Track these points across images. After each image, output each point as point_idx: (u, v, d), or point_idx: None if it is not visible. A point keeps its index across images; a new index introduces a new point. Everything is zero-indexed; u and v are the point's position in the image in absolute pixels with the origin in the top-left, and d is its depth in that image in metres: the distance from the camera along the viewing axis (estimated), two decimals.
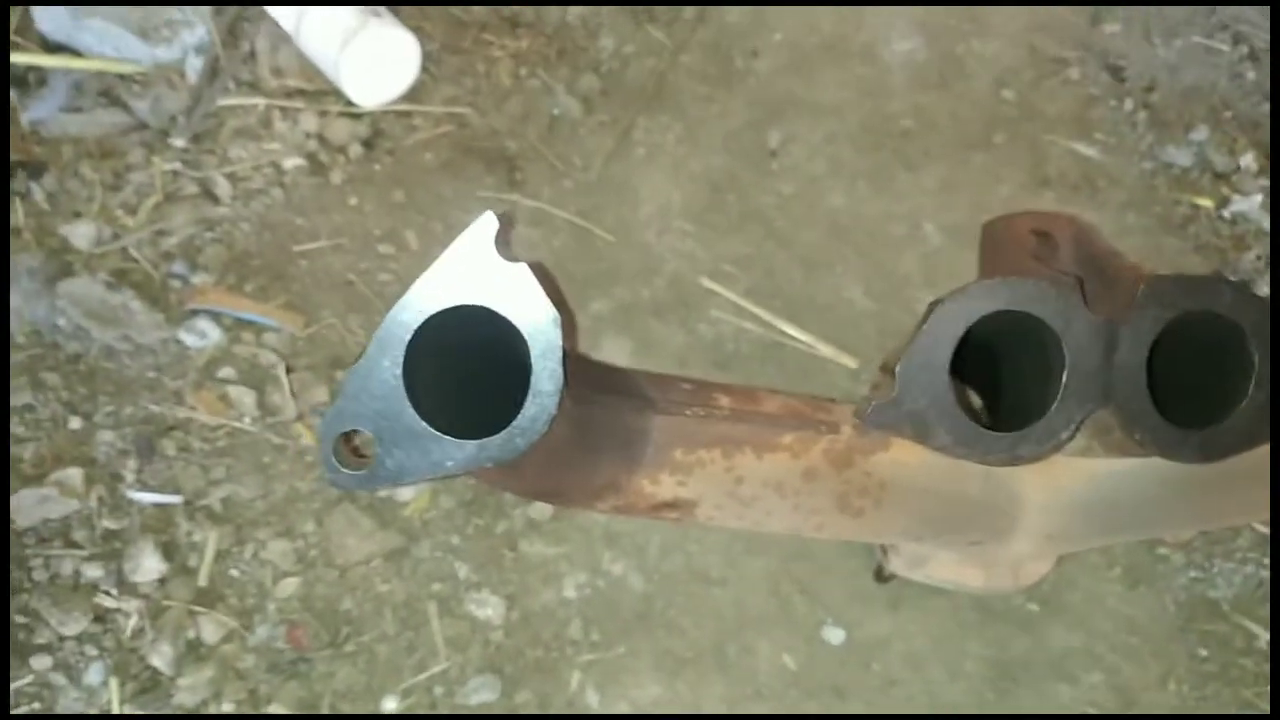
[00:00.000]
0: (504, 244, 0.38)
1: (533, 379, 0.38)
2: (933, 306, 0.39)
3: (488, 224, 0.38)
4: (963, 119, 0.75)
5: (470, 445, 0.38)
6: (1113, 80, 0.79)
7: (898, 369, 0.39)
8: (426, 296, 0.38)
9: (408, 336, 0.38)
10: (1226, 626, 0.57)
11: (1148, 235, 0.71)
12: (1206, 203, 0.74)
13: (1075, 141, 0.75)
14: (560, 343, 0.38)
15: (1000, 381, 0.45)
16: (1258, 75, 0.80)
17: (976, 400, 0.46)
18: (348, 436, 0.39)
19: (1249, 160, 0.75)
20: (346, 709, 0.52)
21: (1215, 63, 0.81)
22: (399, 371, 0.38)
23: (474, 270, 0.38)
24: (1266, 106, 0.79)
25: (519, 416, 0.38)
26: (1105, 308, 0.39)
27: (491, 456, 0.38)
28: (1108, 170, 0.74)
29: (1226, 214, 0.73)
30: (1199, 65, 0.80)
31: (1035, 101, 0.77)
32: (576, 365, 0.40)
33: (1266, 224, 0.73)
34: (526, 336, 0.38)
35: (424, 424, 0.38)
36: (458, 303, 0.38)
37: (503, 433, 0.38)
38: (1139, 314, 0.39)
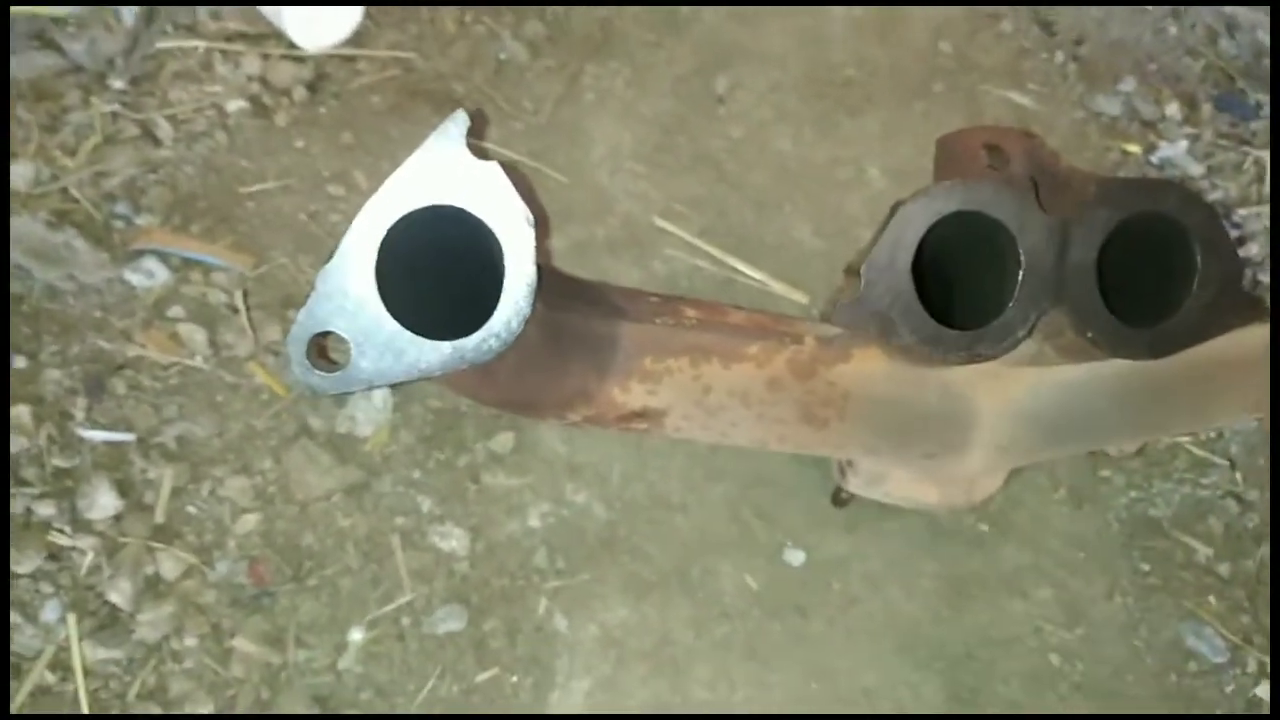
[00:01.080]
0: (476, 143, 0.38)
1: (506, 279, 0.38)
2: (895, 208, 0.40)
3: (459, 121, 0.37)
4: (902, 69, 0.77)
5: (445, 347, 0.38)
6: (1044, 34, 0.82)
7: (862, 269, 0.40)
8: (398, 196, 0.38)
9: (380, 235, 0.38)
10: (1167, 542, 0.60)
11: None
12: (1135, 149, 0.77)
13: (1010, 91, 0.78)
14: (533, 242, 0.38)
15: (953, 293, 0.47)
16: (1179, 31, 0.84)
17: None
18: (318, 342, 0.39)
19: (1173, 109, 0.79)
20: (313, 641, 0.51)
21: (1140, 19, 0.84)
22: (372, 271, 0.38)
23: (445, 169, 0.38)
24: (1188, 60, 0.82)
25: (493, 318, 0.38)
26: (1058, 210, 0.41)
27: (466, 358, 0.38)
28: (1041, 118, 0.77)
29: (1154, 159, 0.76)
30: (1126, 21, 0.83)
31: (971, 53, 0.79)
32: (548, 274, 0.40)
33: (1191, 168, 0.76)
34: (499, 236, 0.38)
35: (398, 325, 0.38)
36: (429, 203, 0.38)
37: (477, 334, 0.38)
38: (1090, 214, 0.41)
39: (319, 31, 0.69)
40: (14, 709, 0.48)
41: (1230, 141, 0.77)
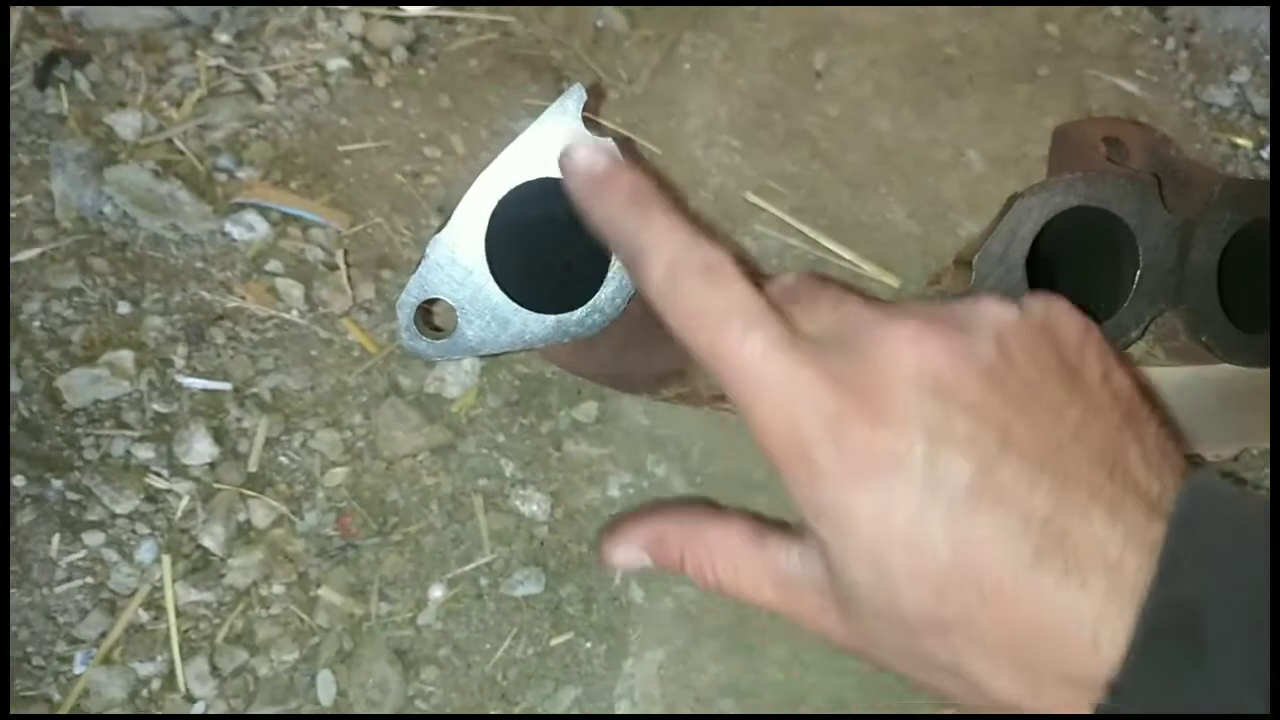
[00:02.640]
0: (592, 117, 0.38)
1: (613, 256, 0.38)
2: (1012, 200, 0.39)
3: (577, 96, 0.38)
4: (1006, 50, 0.75)
5: (550, 319, 0.39)
6: (1155, 19, 0.79)
7: (974, 261, 0.40)
8: (512, 167, 0.38)
9: (492, 206, 0.38)
10: None
11: None
12: (1245, 142, 0.74)
13: (1118, 77, 0.75)
14: None
15: (1061, 289, 0.46)
16: None
17: None
18: (423, 307, 0.39)
19: None
20: (394, 595, 0.52)
21: (1257, 7, 0.81)
22: (482, 241, 0.38)
23: (560, 143, 0.38)
24: None
25: (598, 294, 0.39)
26: (1179, 209, 0.40)
27: (569, 332, 0.39)
28: (1149, 107, 0.74)
29: (1265, 154, 0.74)
30: (1241, 8, 0.80)
31: (1078, 36, 0.77)
32: None
33: None
34: None
35: (505, 296, 0.38)
36: (543, 175, 0.38)
37: (582, 309, 0.39)
38: (1214, 214, 0.39)
39: None
40: (107, 645, 0.49)
41: None
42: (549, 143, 0.38)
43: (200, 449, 0.53)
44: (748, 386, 0.32)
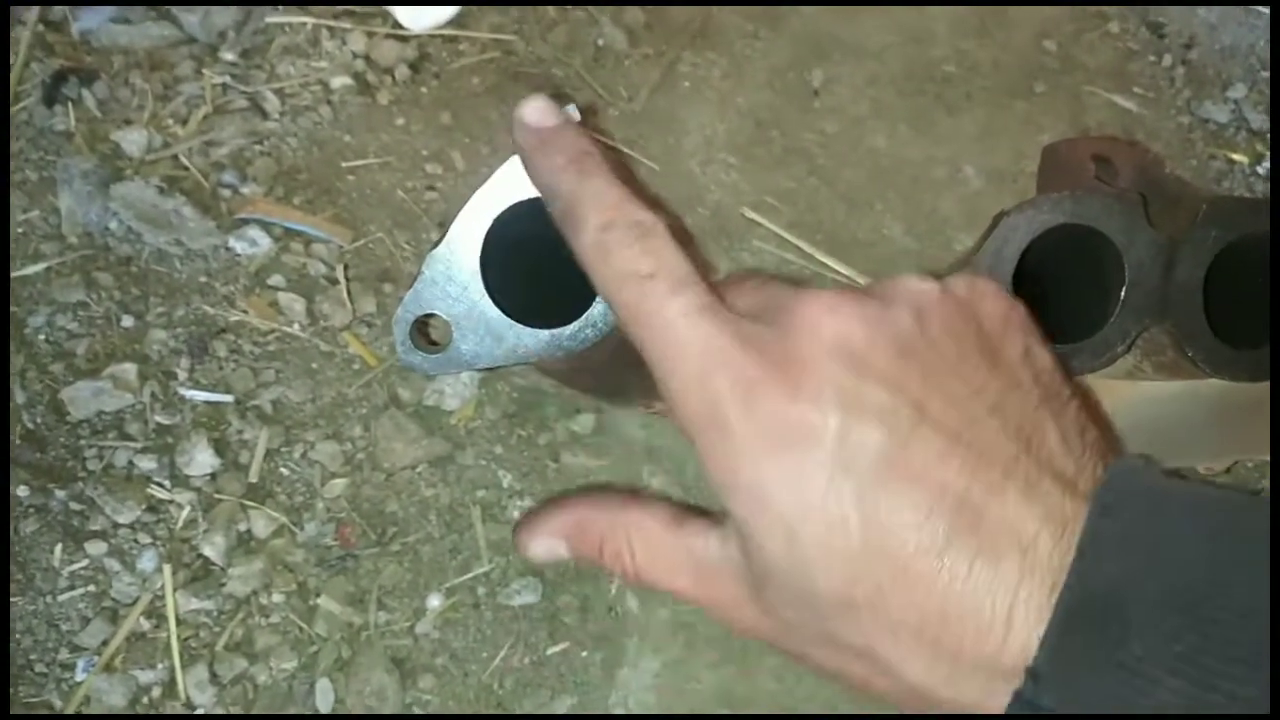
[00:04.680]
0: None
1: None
2: (999, 218, 0.40)
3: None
4: (1004, 67, 0.76)
5: (544, 334, 0.39)
6: (1152, 36, 0.80)
7: None
8: (506, 185, 0.39)
9: (488, 224, 0.39)
10: None
11: None
12: (1241, 158, 0.74)
13: (1114, 94, 0.76)
14: None
15: (1048, 304, 0.46)
16: None
17: None
18: (420, 322, 0.40)
19: None
20: (393, 604, 0.53)
21: (1254, 23, 0.81)
22: (477, 258, 0.39)
23: None
24: None
25: (591, 308, 0.39)
26: (1166, 227, 0.40)
27: (562, 346, 0.39)
28: (1146, 123, 0.75)
29: (1260, 170, 0.74)
30: (1237, 25, 0.81)
31: (1076, 53, 0.78)
32: None
33: None
34: None
35: (499, 312, 0.39)
36: (537, 194, 0.39)
37: (575, 324, 0.39)
38: (1200, 233, 0.40)
39: (424, 12, 0.70)
40: (109, 653, 0.50)
41: None
42: None
43: (202, 460, 0.53)
44: (668, 350, 0.32)
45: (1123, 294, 0.40)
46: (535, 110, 0.38)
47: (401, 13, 0.70)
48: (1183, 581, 0.28)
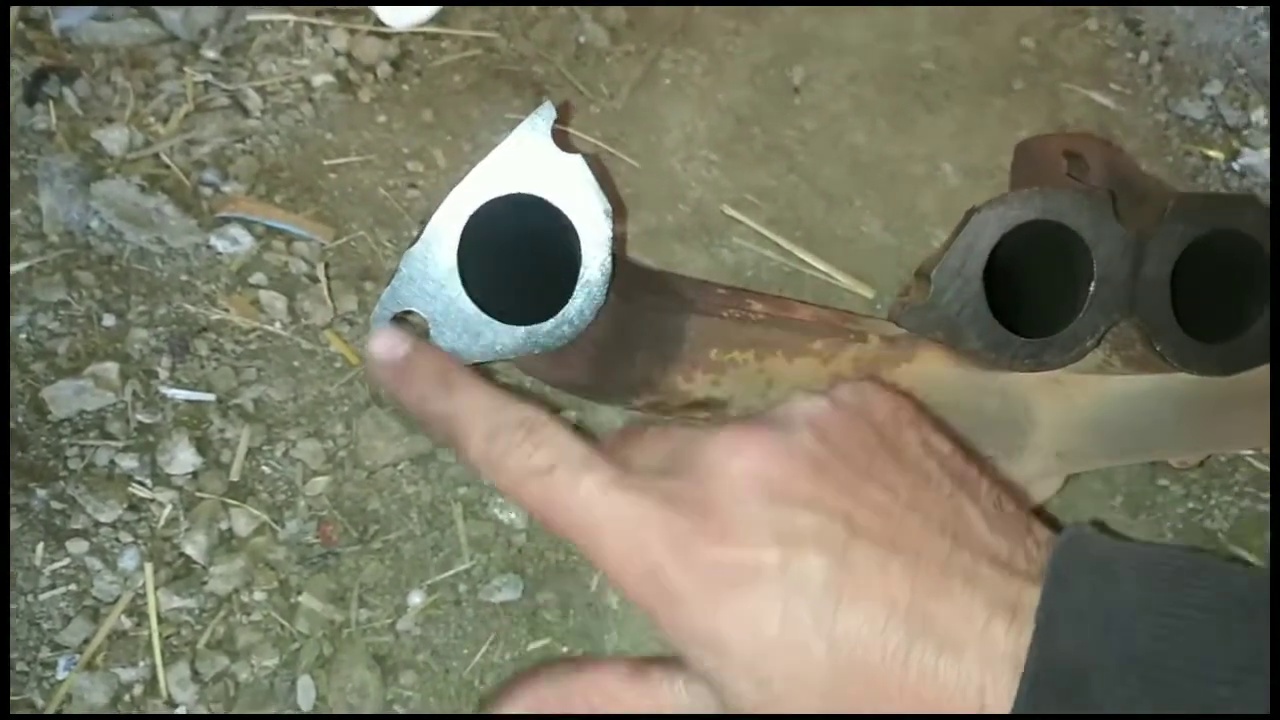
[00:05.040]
0: (560, 127, 0.39)
1: (582, 269, 0.39)
2: (969, 214, 0.41)
3: (546, 114, 0.39)
4: (983, 64, 0.76)
5: (520, 331, 0.40)
6: (1130, 33, 0.80)
7: (933, 274, 0.41)
8: (483, 183, 0.39)
9: (464, 221, 0.39)
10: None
11: None
12: (1217, 154, 0.75)
13: (1092, 91, 0.77)
14: (611, 234, 0.39)
15: (1022, 300, 0.47)
16: (1270, 35, 0.82)
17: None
18: (398, 319, 0.40)
19: (1259, 115, 0.77)
20: (374, 602, 0.53)
21: (1231, 21, 0.82)
22: (454, 255, 0.39)
23: (530, 159, 0.39)
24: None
25: (567, 305, 0.40)
26: (1135, 223, 0.41)
27: (539, 343, 0.40)
28: (1123, 120, 0.76)
29: (1236, 166, 0.75)
30: (1215, 22, 0.82)
31: (1054, 50, 0.78)
32: (622, 264, 0.41)
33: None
34: (578, 227, 0.40)
35: (476, 308, 0.39)
36: (513, 191, 0.39)
37: (551, 320, 0.40)
38: (1167, 229, 0.41)
39: (406, 10, 0.71)
40: (90, 652, 0.50)
41: None
42: (519, 159, 0.39)
43: (183, 459, 0.54)
44: (589, 530, 0.33)
45: (1092, 289, 0.41)
46: (383, 345, 0.38)
47: (383, 10, 0.71)
48: (1135, 648, 0.29)
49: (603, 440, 0.37)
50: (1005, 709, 0.30)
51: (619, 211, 0.52)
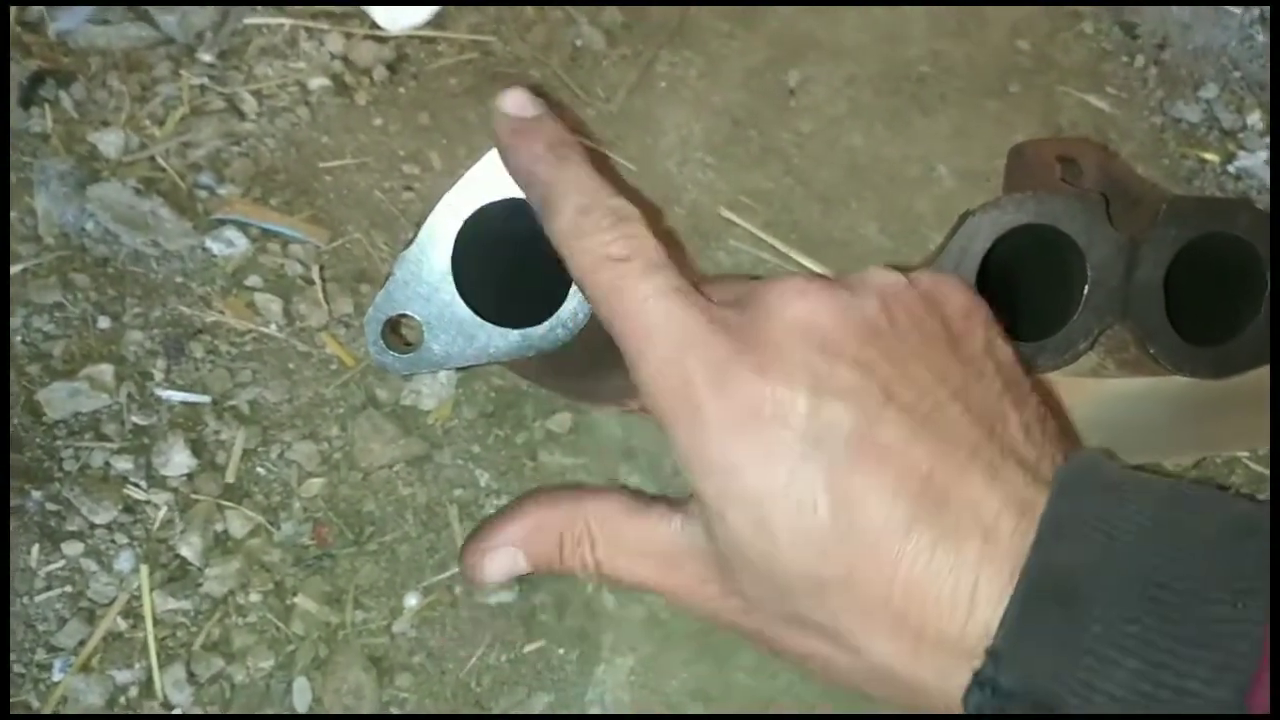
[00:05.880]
0: None
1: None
2: (963, 217, 0.41)
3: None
4: (979, 67, 0.77)
5: (514, 334, 0.40)
6: (1126, 36, 0.81)
7: None
8: (478, 186, 0.39)
9: (459, 224, 0.39)
10: None
11: None
12: (1213, 157, 0.75)
13: (1088, 94, 0.77)
14: None
15: (1017, 303, 0.47)
16: (1266, 38, 0.82)
17: None
18: (393, 322, 0.40)
19: (1255, 119, 0.77)
20: (370, 604, 0.53)
21: (1226, 24, 0.82)
22: (448, 259, 0.39)
23: None
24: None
25: (562, 308, 0.40)
26: (1128, 227, 0.41)
27: (533, 346, 0.40)
28: (1118, 123, 0.76)
29: (1232, 169, 0.75)
30: (1210, 25, 0.82)
31: (1050, 53, 0.78)
32: None
33: (1269, 180, 0.74)
34: None
35: (470, 312, 0.39)
36: (508, 195, 0.39)
37: (545, 323, 0.40)
38: (1160, 232, 0.41)
39: (402, 13, 0.71)
40: (86, 653, 0.50)
41: None
42: None
43: (178, 460, 0.54)
44: (641, 330, 0.33)
45: (1085, 292, 0.41)
46: (514, 101, 0.38)
47: (379, 14, 0.71)
48: (1137, 565, 0.29)
49: None
50: (996, 610, 0.29)
51: None
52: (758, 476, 0.31)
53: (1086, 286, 0.41)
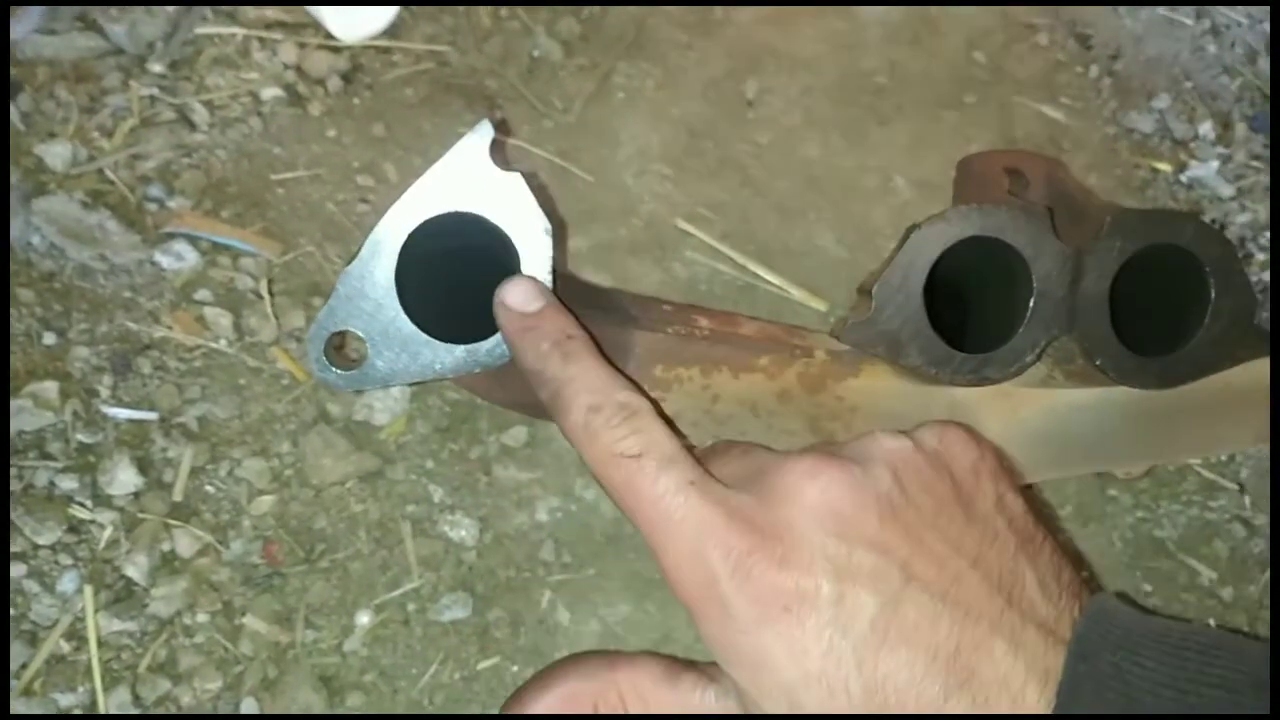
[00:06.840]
0: (498, 152, 0.39)
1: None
2: (909, 231, 0.41)
3: (484, 132, 0.38)
4: (935, 78, 0.77)
5: (459, 350, 0.39)
6: (1080, 47, 0.81)
7: (874, 290, 0.41)
8: (421, 201, 0.39)
9: (401, 240, 0.39)
10: (1171, 564, 0.60)
11: (1108, 196, 0.73)
12: (1165, 167, 0.76)
13: (1042, 104, 0.77)
14: (551, 252, 0.39)
15: (966, 314, 0.47)
16: (1218, 49, 0.83)
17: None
18: (336, 339, 0.40)
19: (1207, 129, 0.78)
20: (321, 622, 0.52)
21: (1178, 35, 0.83)
22: (391, 274, 0.39)
23: (468, 177, 0.39)
24: (1225, 79, 0.81)
25: None
26: (1073, 238, 0.41)
27: (480, 362, 0.39)
28: (1073, 133, 0.76)
29: (1184, 178, 0.76)
30: (1163, 36, 0.83)
31: (1005, 64, 0.79)
32: (564, 281, 0.41)
33: (1221, 189, 0.75)
34: (517, 245, 0.39)
35: (414, 327, 0.39)
36: (451, 209, 0.39)
37: (491, 339, 0.39)
38: (1105, 244, 0.41)
39: (357, 23, 0.70)
40: (28, 677, 0.49)
41: (1263, 163, 0.77)
42: (457, 177, 0.38)
43: (124, 479, 0.53)
44: (659, 525, 0.33)
45: (1031, 304, 0.41)
46: (519, 294, 0.38)
47: (333, 23, 0.70)
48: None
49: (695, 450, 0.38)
50: None
51: (560, 228, 0.51)
52: (788, 665, 0.31)
53: (1032, 299, 0.41)
